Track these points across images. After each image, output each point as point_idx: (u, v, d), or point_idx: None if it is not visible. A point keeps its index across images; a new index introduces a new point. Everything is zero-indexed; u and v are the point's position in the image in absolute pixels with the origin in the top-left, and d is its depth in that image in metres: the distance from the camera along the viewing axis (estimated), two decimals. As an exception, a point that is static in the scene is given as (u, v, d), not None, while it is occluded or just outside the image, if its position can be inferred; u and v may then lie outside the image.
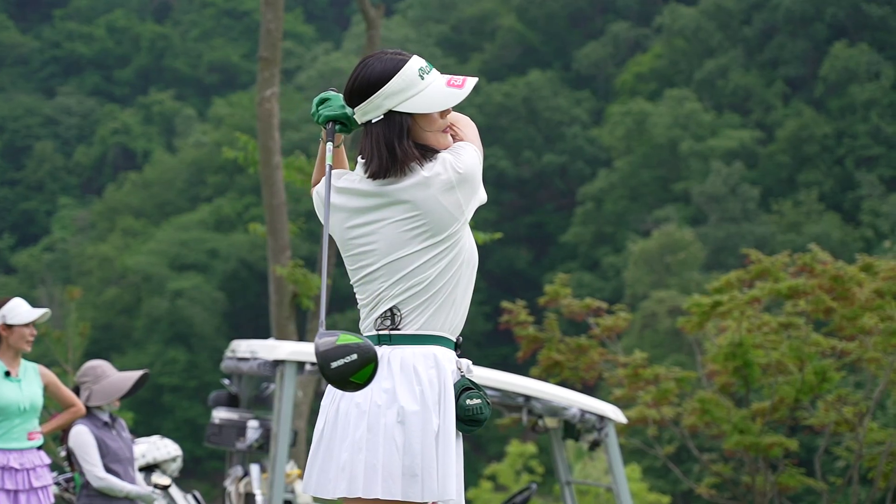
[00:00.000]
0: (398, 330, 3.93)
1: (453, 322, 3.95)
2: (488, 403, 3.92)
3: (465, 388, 3.88)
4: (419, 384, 3.86)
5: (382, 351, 3.92)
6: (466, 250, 3.99)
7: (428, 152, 3.96)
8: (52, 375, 7.50)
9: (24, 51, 75.54)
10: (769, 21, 63.70)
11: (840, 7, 61.86)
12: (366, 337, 3.82)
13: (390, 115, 3.92)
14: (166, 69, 75.28)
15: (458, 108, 4.07)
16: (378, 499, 3.86)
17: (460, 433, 3.92)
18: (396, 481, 3.82)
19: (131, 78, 75.79)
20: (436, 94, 3.95)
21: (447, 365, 3.90)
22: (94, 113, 72.41)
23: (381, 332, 3.94)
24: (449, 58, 66.22)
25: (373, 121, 3.94)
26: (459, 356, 3.98)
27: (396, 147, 3.91)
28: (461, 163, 3.93)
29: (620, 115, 61.38)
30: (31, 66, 75.86)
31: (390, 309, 3.94)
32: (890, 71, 58.63)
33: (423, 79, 3.94)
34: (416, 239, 3.92)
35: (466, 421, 3.88)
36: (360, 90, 3.95)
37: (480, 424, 3.91)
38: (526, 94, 63.02)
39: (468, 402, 3.86)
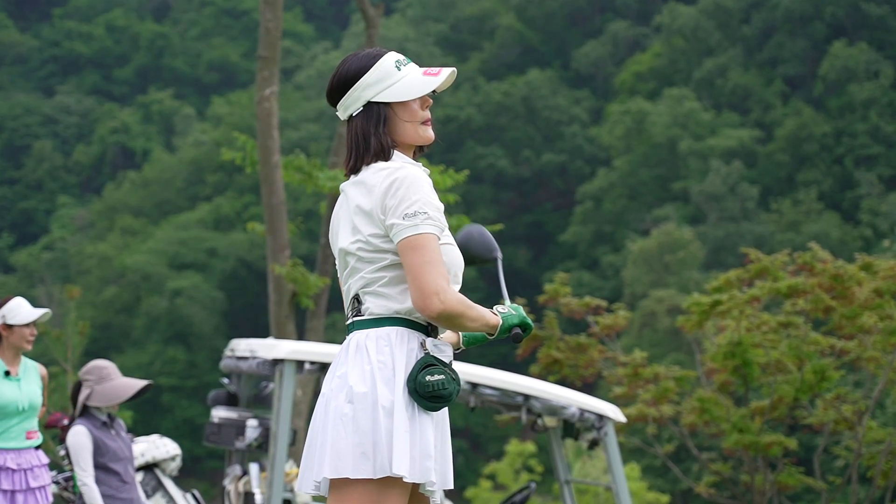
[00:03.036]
0: (360, 316, 3.98)
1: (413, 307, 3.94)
2: (454, 379, 3.88)
3: (426, 364, 3.87)
4: (369, 363, 3.88)
5: (347, 339, 4.00)
6: None
7: (390, 160, 3.98)
8: (45, 378, 7.55)
9: (23, 50, 75.53)
10: (768, 20, 63.71)
11: (839, 6, 61.87)
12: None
13: (369, 106, 4.01)
14: (165, 68, 75.28)
15: (456, 106, 4.07)
16: (346, 478, 3.87)
17: (432, 412, 3.90)
18: (346, 459, 3.84)
19: (130, 77, 75.78)
20: (412, 83, 4.01)
21: (402, 344, 3.90)
22: (93, 112, 72.41)
23: (348, 322, 4.01)
24: (448, 57, 66.20)
25: (353, 115, 4.03)
26: (431, 336, 3.98)
27: (372, 136, 3.99)
28: (391, 192, 3.89)
29: (619, 114, 61.38)
30: (30, 65, 75.85)
31: (355, 297, 4.00)
32: (889, 70, 58.64)
33: (399, 70, 4.02)
34: (352, 231, 3.98)
35: (428, 397, 3.85)
36: (339, 86, 4.04)
37: (445, 400, 3.87)
38: (525, 94, 63.02)
39: (428, 377, 3.84)
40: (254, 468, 10.08)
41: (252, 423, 10.11)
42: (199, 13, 78.77)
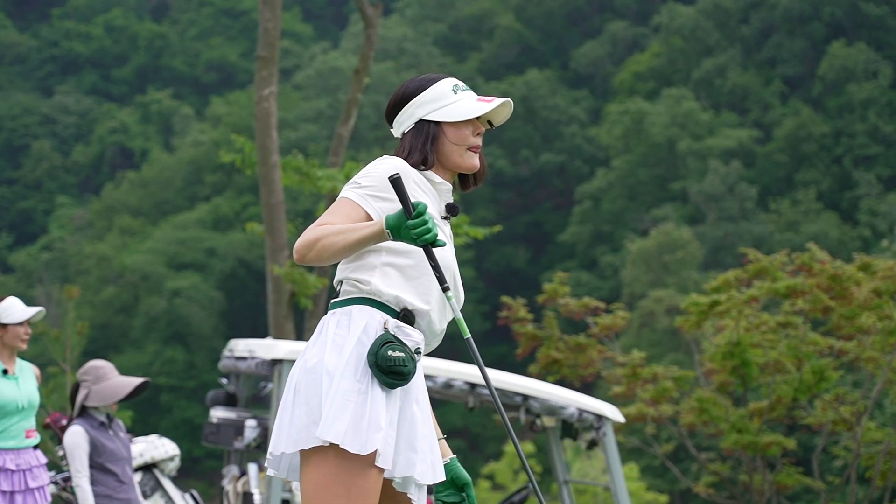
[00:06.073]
0: (336, 298, 4.06)
1: (379, 288, 3.97)
2: (413, 360, 3.90)
3: (386, 341, 3.88)
4: (325, 337, 3.93)
5: None
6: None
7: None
8: (39, 377, 7.55)
9: (21, 50, 75.50)
10: (767, 20, 63.71)
11: (838, 6, 61.88)
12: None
13: (420, 123, 4.11)
14: (164, 68, 75.26)
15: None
16: (304, 452, 3.89)
17: (389, 388, 3.89)
18: (302, 432, 3.86)
19: (129, 77, 75.76)
20: (466, 106, 4.12)
21: (362, 319, 3.94)
22: (92, 112, 72.38)
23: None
24: (447, 57, 66.21)
25: (405, 132, 4.13)
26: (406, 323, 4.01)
27: (417, 152, 4.08)
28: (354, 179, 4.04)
29: (618, 114, 61.37)
30: (28, 64, 75.84)
31: (339, 282, 4.07)
32: (888, 70, 58.64)
33: (455, 93, 4.14)
34: None
35: (388, 372, 3.86)
36: (396, 103, 4.15)
37: (403, 377, 3.88)
38: (524, 94, 63.00)
39: (389, 353, 3.86)
40: (252, 468, 10.08)
41: (251, 423, 10.10)
42: (198, 13, 78.74)
